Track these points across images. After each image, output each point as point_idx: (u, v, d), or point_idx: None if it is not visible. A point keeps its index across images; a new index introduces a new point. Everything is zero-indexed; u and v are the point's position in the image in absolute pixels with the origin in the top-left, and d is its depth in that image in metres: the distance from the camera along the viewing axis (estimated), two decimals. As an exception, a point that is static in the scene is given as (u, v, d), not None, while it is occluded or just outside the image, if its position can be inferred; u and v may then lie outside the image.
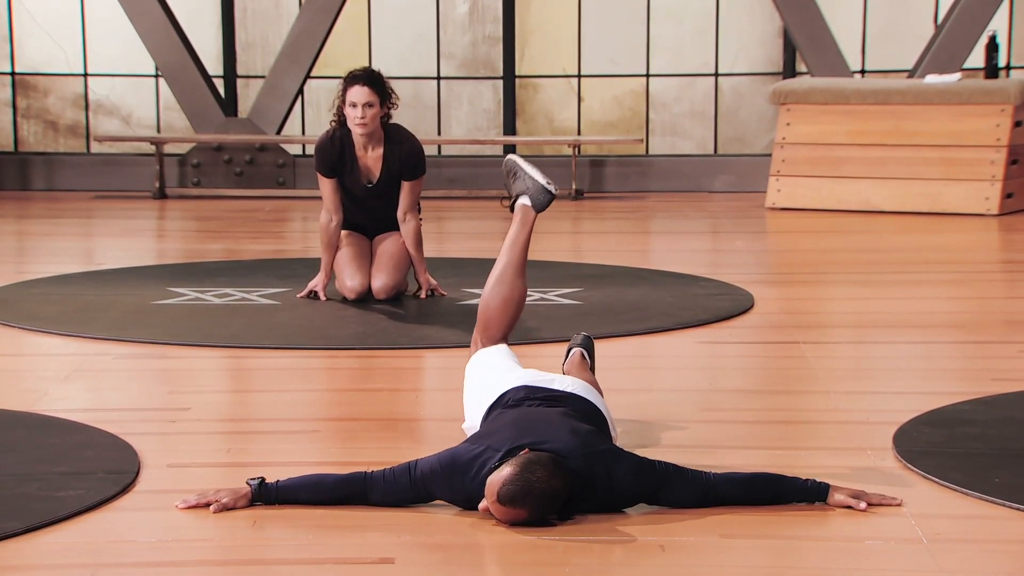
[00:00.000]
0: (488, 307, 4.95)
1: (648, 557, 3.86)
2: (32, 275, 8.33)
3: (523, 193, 5.05)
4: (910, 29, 13.02)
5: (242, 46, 13.41)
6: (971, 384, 5.79)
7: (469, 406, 4.73)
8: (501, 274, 4.95)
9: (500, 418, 4.37)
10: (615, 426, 4.62)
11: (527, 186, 5.03)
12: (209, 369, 6.26)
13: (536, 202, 5.03)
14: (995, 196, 10.64)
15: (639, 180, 12.59)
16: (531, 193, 5.03)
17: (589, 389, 4.55)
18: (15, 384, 5.89)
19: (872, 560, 3.84)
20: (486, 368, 4.79)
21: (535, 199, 5.02)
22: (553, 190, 5.03)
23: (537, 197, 5.02)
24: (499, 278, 4.95)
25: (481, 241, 9.85)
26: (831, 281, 8.26)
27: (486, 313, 4.95)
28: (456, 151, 13.08)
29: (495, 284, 4.95)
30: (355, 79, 7.21)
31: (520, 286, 4.95)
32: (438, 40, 13.36)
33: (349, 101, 7.19)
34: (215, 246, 9.79)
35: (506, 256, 4.97)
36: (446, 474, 4.15)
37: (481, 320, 4.96)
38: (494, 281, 4.96)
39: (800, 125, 11.22)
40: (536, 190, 5.02)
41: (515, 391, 4.50)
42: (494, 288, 4.95)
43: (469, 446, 4.20)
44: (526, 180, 5.04)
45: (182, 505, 4.20)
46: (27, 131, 13.37)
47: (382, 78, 7.30)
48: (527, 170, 5.05)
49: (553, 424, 4.22)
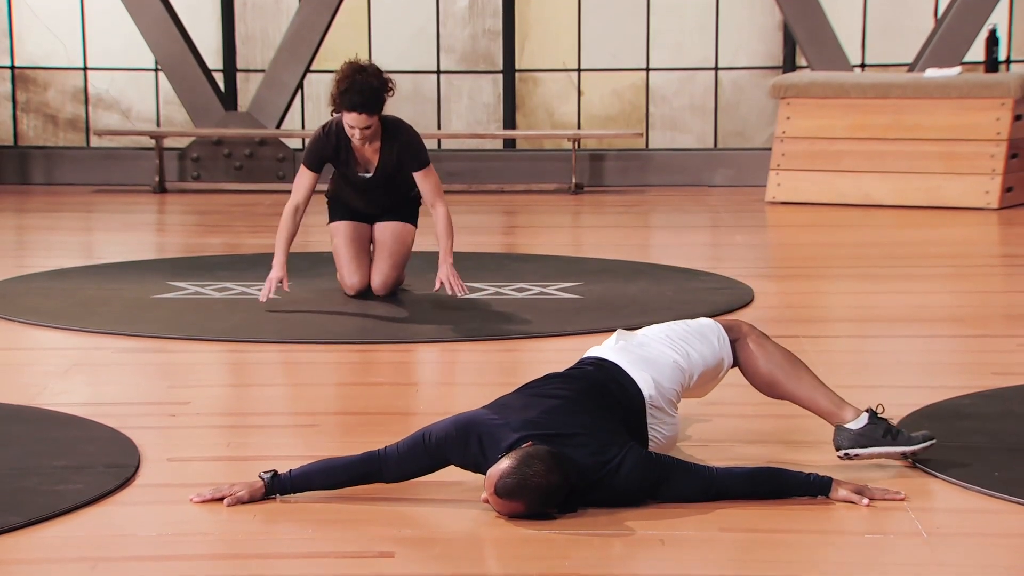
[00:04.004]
0: (762, 363, 4.58)
1: (648, 551, 3.87)
2: (32, 269, 8.33)
3: (866, 428, 4.48)
4: (910, 23, 13.02)
5: (242, 40, 13.41)
6: (971, 378, 5.78)
7: (657, 328, 4.61)
8: (782, 381, 4.57)
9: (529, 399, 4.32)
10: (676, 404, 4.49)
11: (869, 440, 4.48)
12: (209, 363, 6.26)
13: (843, 438, 4.48)
14: (995, 190, 10.64)
15: (639, 174, 12.59)
16: (862, 434, 4.48)
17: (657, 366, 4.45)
18: (15, 378, 5.89)
19: (872, 554, 3.84)
20: (694, 349, 4.55)
21: (852, 438, 4.48)
22: (840, 455, 4.49)
23: (857, 441, 4.48)
24: (777, 378, 4.57)
25: (480, 235, 9.84)
26: (831, 275, 8.26)
27: (755, 355, 4.59)
28: (456, 145, 13.08)
29: (778, 372, 4.57)
30: (351, 104, 6.88)
31: (757, 385, 4.64)
32: (438, 34, 13.35)
33: (347, 123, 6.97)
34: (215, 240, 9.79)
35: (795, 389, 4.57)
36: (461, 438, 4.16)
37: (752, 347, 4.60)
38: (783, 370, 4.57)
39: (800, 119, 11.22)
40: (852, 440, 4.48)
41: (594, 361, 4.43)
42: (777, 367, 4.58)
43: (488, 414, 4.21)
44: (878, 445, 4.47)
45: (196, 499, 4.19)
46: (27, 125, 13.36)
47: (377, 92, 6.92)
48: (885, 450, 4.48)
49: (571, 417, 4.21)
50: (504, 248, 9.61)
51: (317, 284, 7.64)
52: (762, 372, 4.58)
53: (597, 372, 4.43)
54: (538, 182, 12.42)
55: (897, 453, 4.50)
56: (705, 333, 4.60)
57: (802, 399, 4.59)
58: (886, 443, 4.48)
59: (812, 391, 4.57)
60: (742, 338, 4.61)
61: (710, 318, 4.72)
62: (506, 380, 5.70)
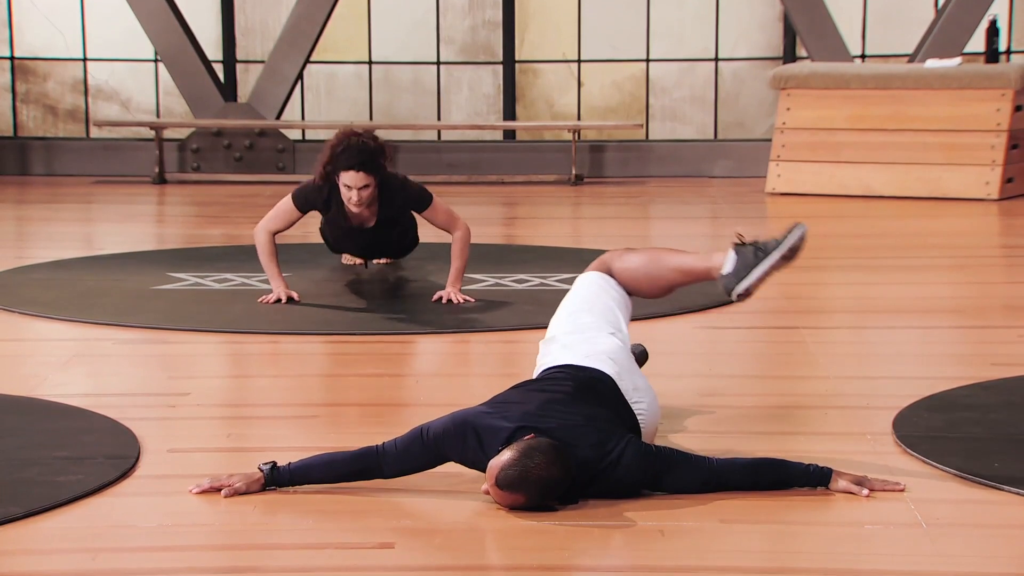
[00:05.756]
0: (633, 274, 4.70)
1: (648, 542, 3.87)
2: (31, 260, 8.33)
3: (739, 260, 4.60)
4: (910, 13, 13.01)
5: (241, 31, 13.39)
6: (971, 369, 5.79)
7: (559, 325, 4.65)
8: (658, 277, 4.68)
9: (527, 394, 4.34)
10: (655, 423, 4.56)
11: (745, 266, 4.59)
12: (209, 354, 6.26)
13: (725, 282, 4.60)
14: (995, 181, 10.64)
15: (639, 165, 12.59)
16: (734, 272, 4.62)
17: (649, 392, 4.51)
18: (15, 369, 5.89)
19: (871, 545, 3.84)
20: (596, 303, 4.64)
21: (728, 280, 4.60)
22: (735, 299, 4.62)
23: (731, 282, 4.58)
24: (655, 278, 4.69)
25: (480, 226, 9.84)
26: (831, 266, 8.26)
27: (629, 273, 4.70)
28: (456, 136, 13.08)
29: (649, 274, 4.69)
30: (349, 163, 6.71)
31: (656, 296, 4.77)
32: (438, 25, 13.34)
33: (343, 182, 6.78)
34: (215, 231, 9.79)
35: (673, 273, 4.68)
36: (459, 434, 4.16)
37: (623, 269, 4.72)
38: (651, 272, 4.68)
39: (800, 110, 11.21)
40: (737, 277, 4.59)
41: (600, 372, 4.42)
42: (646, 275, 4.69)
43: (486, 409, 4.22)
44: (754, 264, 4.59)
45: (195, 490, 4.19)
46: (26, 116, 13.36)
47: (376, 150, 6.77)
48: (765, 263, 4.61)
49: (570, 410, 4.22)
50: (504, 239, 9.60)
51: (317, 275, 7.64)
52: (642, 285, 4.70)
53: (572, 373, 4.44)
54: (538, 173, 12.42)
55: (776, 260, 4.56)
56: (600, 289, 4.68)
57: (680, 279, 4.68)
58: (759, 259, 4.56)
59: (681, 265, 4.68)
60: (614, 270, 4.71)
61: (587, 272, 4.76)
62: (506, 372, 5.71)
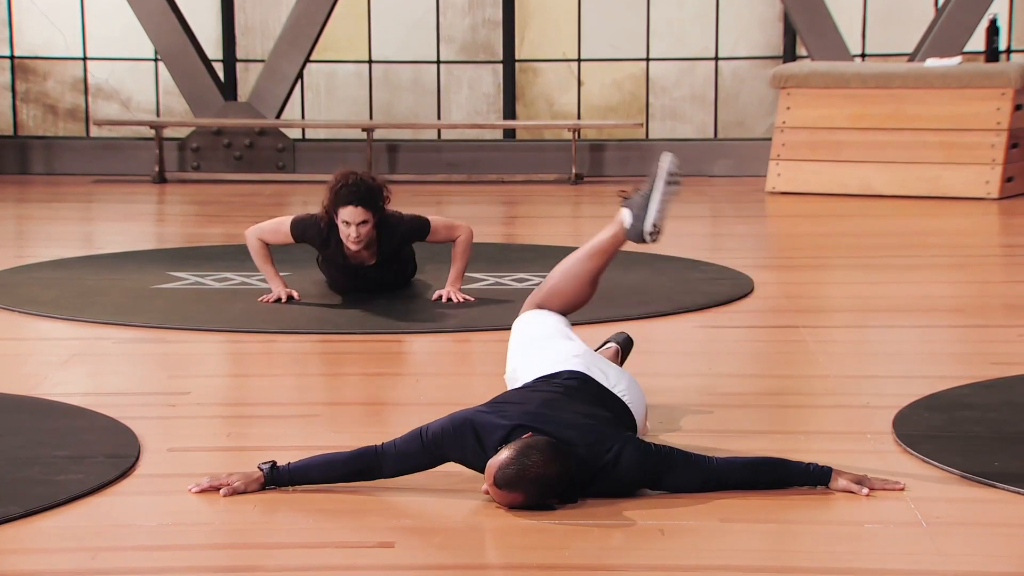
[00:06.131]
0: (556, 292, 4.89)
1: (648, 541, 3.87)
2: (31, 259, 8.34)
3: (632, 209, 4.79)
4: (910, 12, 13.01)
5: (241, 30, 13.39)
6: (971, 368, 5.79)
7: (515, 359, 4.75)
8: (577, 275, 4.85)
9: (525, 394, 4.36)
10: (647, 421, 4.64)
11: (640, 208, 4.78)
12: (209, 353, 6.26)
13: (633, 232, 4.77)
14: (995, 180, 10.64)
15: (639, 164, 12.58)
16: (634, 220, 4.78)
17: (634, 385, 4.56)
18: (15, 368, 5.89)
19: (871, 544, 3.84)
20: (540, 328, 4.78)
21: (634, 229, 4.78)
22: (649, 239, 4.76)
23: (637, 227, 4.76)
24: (575, 278, 4.85)
25: (480, 225, 9.83)
26: (831, 265, 8.26)
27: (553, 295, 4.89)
28: (456, 135, 13.08)
29: (569, 281, 4.86)
30: (348, 198, 6.71)
31: (589, 293, 4.89)
32: (438, 24, 13.34)
33: (341, 219, 6.75)
34: (215, 230, 9.79)
35: (588, 262, 4.85)
36: (458, 434, 4.17)
37: (547, 296, 4.90)
38: (569, 277, 4.86)
39: (800, 109, 11.22)
40: (639, 221, 4.76)
41: (571, 374, 4.48)
42: (567, 283, 4.86)
43: (485, 409, 4.23)
44: (646, 203, 4.78)
45: (195, 489, 4.19)
46: (26, 115, 13.36)
47: (375, 188, 6.77)
48: (655, 197, 4.78)
49: (568, 409, 4.23)
50: (504, 238, 9.60)
51: (316, 275, 7.64)
52: (570, 293, 4.87)
53: (550, 380, 4.47)
54: (538, 172, 12.42)
55: (663, 189, 4.75)
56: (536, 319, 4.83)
57: (597, 262, 4.83)
58: (649, 198, 4.74)
59: (590, 250, 4.85)
60: (540, 300, 4.88)
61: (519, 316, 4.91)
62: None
